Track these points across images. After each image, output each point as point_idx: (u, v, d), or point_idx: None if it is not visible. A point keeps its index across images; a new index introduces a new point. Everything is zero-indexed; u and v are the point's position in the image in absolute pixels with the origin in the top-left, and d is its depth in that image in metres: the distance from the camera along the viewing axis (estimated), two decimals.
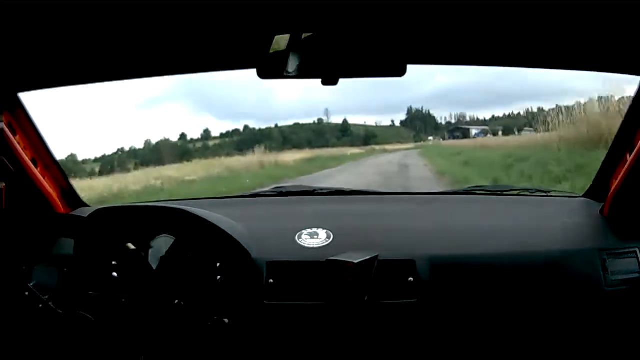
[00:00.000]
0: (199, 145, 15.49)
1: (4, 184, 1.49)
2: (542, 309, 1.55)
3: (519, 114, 17.79)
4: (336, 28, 1.13)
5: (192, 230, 1.55)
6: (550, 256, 1.57)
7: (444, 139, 18.64)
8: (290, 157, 14.92)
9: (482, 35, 1.22)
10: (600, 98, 8.42)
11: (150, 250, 1.56)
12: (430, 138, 18.68)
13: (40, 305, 1.46)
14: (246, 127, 16.94)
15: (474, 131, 18.28)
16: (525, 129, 16.55)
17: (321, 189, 2.01)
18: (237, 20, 1.11)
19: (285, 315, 1.51)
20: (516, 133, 16.78)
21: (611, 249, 1.58)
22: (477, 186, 2.10)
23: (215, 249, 1.54)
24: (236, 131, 16.68)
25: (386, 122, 19.62)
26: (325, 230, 1.63)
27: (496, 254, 1.58)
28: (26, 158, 1.56)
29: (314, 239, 1.61)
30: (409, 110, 18.56)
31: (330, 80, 1.22)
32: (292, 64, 1.17)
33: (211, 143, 15.75)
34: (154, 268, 1.53)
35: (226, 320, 1.47)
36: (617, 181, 1.60)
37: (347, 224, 1.70)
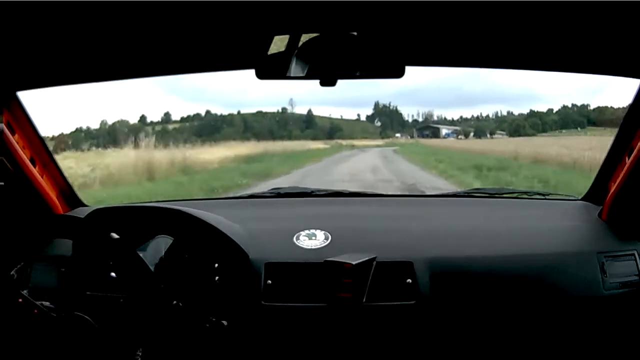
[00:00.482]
0: (158, 128, 14.17)
1: (3, 184, 1.49)
2: (540, 312, 1.55)
3: (487, 116, 17.64)
4: (335, 29, 1.14)
5: (190, 231, 1.55)
6: (549, 259, 1.57)
7: (411, 136, 17.78)
8: (222, 152, 11.57)
9: (481, 37, 1.22)
10: None
11: (148, 251, 1.56)
12: (398, 135, 17.73)
13: (38, 305, 1.46)
14: (208, 112, 15.94)
15: (444, 131, 17.65)
16: (498, 132, 16.55)
17: (319, 190, 2.01)
18: (237, 21, 1.12)
19: (283, 316, 1.51)
20: (488, 136, 16.59)
21: (610, 251, 1.59)
22: (476, 189, 2.11)
23: (214, 250, 1.54)
24: (197, 115, 15.67)
25: (352, 116, 18.84)
26: (323, 232, 1.63)
27: (495, 256, 1.58)
28: (25, 157, 1.56)
29: (312, 240, 1.61)
30: (376, 105, 17.85)
31: (328, 81, 1.22)
32: (291, 65, 1.17)
33: (171, 127, 14.65)
34: (152, 268, 1.53)
35: (224, 322, 1.47)
36: (616, 184, 1.61)
37: (346, 225, 1.70)
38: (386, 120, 17.93)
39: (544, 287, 1.54)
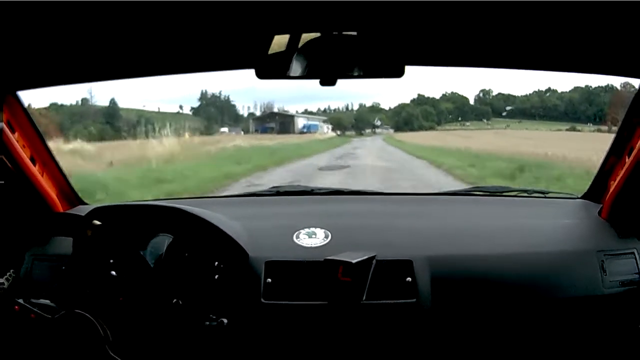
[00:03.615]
0: None
1: (3, 182, 1.49)
2: (540, 310, 1.55)
3: (337, 109, 15.02)
4: (335, 29, 1.13)
5: (190, 229, 1.55)
6: (549, 257, 1.57)
7: (245, 131, 14.22)
8: None
9: (481, 37, 1.22)
10: None
11: (148, 249, 1.56)
12: (224, 129, 14.25)
13: (37, 303, 1.47)
14: None
15: (301, 122, 13.98)
16: (382, 124, 13.69)
17: (319, 189, 2.01)
18: (237, 20, 1.11)
19: (283, 314, 1.52)
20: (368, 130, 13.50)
21: (609, 250, 1.59)
22: (475, 187, 2.10)
23: (213, 248, 1.54)
24: None
25: (173, 109, 15.00)
26: (323, 230, 1.63)
27: (494, 254, 1.58)
28: (25, 156, 1.56)
29: (312, 238, 1.61)
30: (203, 95, 14.31)
31: (328, 80, 1.22)
32: (291, 65, 1.16)
33: None
34: (152, 267, 1.53)
35: (224, 320, 1.48)
36: (616, 183, 1.61)
37: (345, 224, 1.70)
38: (215, 112, 14.55)
39: (543, 285, 1.55)
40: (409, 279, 1.52)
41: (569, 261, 1.57)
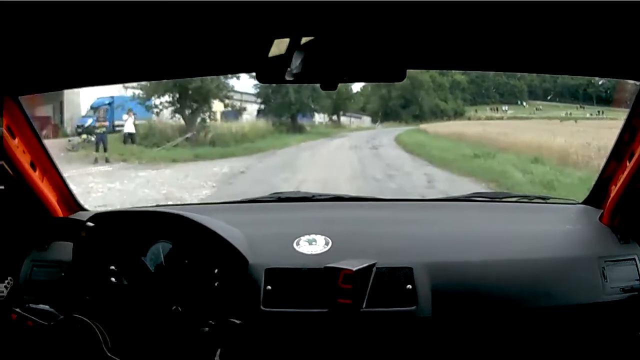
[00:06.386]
0: None
1: (3, 187, 1.48)
2: (540, 317, 1.54)
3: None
4: (336, 32, 1.13)
5: (190, 236, 1.54)
6: (549, 263, 1.57)
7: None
8: None
9: (481, 40, 1.22)
10: None
11: (148, 255, 1.55)
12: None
13: (36, 309, 1.46)
14: None
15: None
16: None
17: (320, 195, 2.01)
18: (237, 23, 1.11)
19: (283, 322, 1.51)
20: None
21: (610, 256, 1.58)
22: (476, 193, 2.10)
23: (213, 255, 1.54)
24: None
25: None
26: (323, 237, 1.62)
27: (495, 261, 1.57)
28: (25, 162, 1.56)
29: (312, 245, 1.60)
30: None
31: (329, 84, 1.22)
32: (292, 68, 1.16)
33: None
34: (152, 273, 1.52)
35: (223, 327, 1.46)
36: (617, 188, 1.60)
37: (346, 231, 1.69)
38: None
39: (544, 291, 1.54)
40: (409, 286, 1.51)
41: (569, 267, 1.57)
